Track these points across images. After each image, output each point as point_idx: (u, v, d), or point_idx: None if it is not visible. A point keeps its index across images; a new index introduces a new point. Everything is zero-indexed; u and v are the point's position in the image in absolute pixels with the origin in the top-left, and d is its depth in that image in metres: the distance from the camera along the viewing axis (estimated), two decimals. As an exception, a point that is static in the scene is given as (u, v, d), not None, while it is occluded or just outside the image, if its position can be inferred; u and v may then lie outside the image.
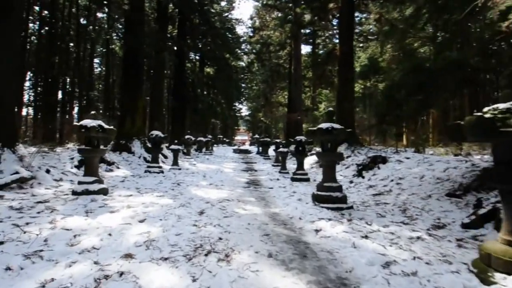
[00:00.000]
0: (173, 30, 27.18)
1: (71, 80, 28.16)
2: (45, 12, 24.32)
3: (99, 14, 32.24)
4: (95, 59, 38.30)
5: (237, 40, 35.54)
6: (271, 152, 24.66)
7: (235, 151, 30.35)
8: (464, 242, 4.41)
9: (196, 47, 29.62)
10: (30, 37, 27.04)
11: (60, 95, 27.22)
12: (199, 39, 28.54)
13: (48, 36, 23.82)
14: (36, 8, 24.72)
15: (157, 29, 21.45)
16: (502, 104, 2.92)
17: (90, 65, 33.59)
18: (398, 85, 8.78)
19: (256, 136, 38.26)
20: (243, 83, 46.78)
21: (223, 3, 32.80)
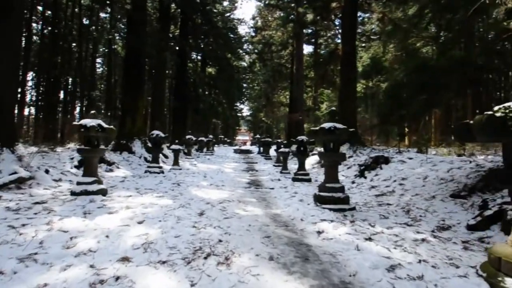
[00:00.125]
0: (175, 30, 27.17)
1: (73, 80, 28.11)
2: (48, 12, 24.32)
3: (102, 14, 32.24)
4: (97, 59, 38.30)
5: (239, 40, 35.43)
6: (272, 152, 24.68)
7: (236, 151, 30.37)
8: (470, 244, 4.34)
9: (198, 47, 29.59)
10: (33, 37, 27.05)
11: (62, 95, 27.25)
12: (201, 39, 28.50)
13: (50, 36, 23.82)
14: (39, 8, 24.72)
15: (158, 28, 21.41)
16: (514, 103, 2.82)
17: (92, 65, 33.57)
18: (402, 84, 8.70)
19: (257, 136, 38.23)
20: (245, 83, 46.67)
21: (226, 3, 32.81)
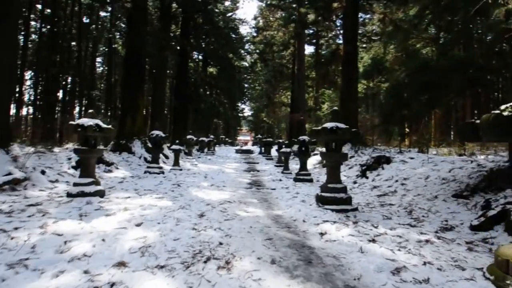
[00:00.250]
0: (176, 29, 27.08)
1: (72, 79, 28.03)
2: (47, 10, 24.23)
3: (102, 13, 32.17)
4: (98, 58, 38.27)
5: (240, 40, 35.41)
6: (274, 152, 24.65)
7: (237, 151, 30.40)
8: (475, 245, 4.28)
9: (199, 46, 29.49)
10: (31, 35, 26.99)
11: (61, 95, 27.15)
12: (202, 39, 28.40)
13: (49, 34, 23.73)
14: (38, 6, 24.64)
15: (159, 27, 21.33)
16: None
17: (92, 64, 33.52)
18: (403, 84, 8.62)
19: (259, 136, 38.21)
20: (246, 83, 46.69)
21: (227, 3, 32.64)
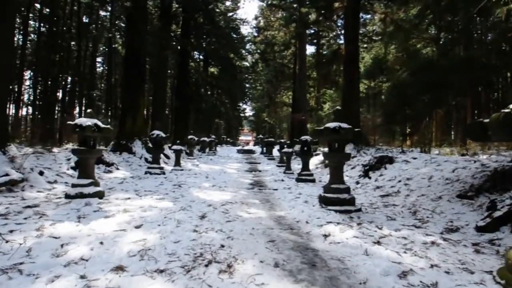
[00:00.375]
0: (176, 29, 27.03)
1: (72, 79, 27.95)
2: (46, 10, 24.13)
3: (102, 13, 32.06)
4: (98, 58, 38.16)
5: (241, 40, 35.36)
6: (275, 153, 24.59)
7: (239, 152, 30.38)
8: (481, 247, 4.19)
9: (200, 46, 29.45)
10: (30, 35, 26.90)
11: (60, 94, 27.07)
12: (203, 39, 28.35)
13: (49, 34, 23.64)
14: (37, 5, 24.54)
15: (159, 27, 21.25)
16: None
17: (92, 64, 33.41)
18: (406, 84, 8.53)
19: (260, 136, 38.16)
20: (247, 83, 46.66)
21: (228, 2, 32.56)
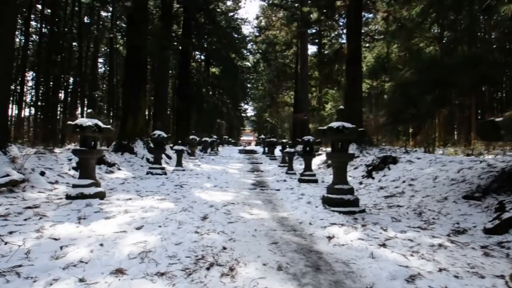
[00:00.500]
0: (178, 29, 26.99)
1: (74, 80, 27.92)
2: (47, 10, 24.09)
3: (103, 13, 32.00)
4: (99, 59, 38.13)
5: (242, 39, 35.26)
6: (277, 153, 24.54)
7: (240, 152, 30.32)
8: (490, 250, 4.06)
9: (202, 46, 29.41)
10: (32, 35, 26.87)
11: (62, 95, 27.04)
12: (204, 39, 28.30)
13: (50, 34, 23.61)
14: (38, 6, 24.50)
15: (160, 27, 21.19)
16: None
17: (94, 64, 33.38)
18: (411, 83, 8.40)
19: (262, 136, 38.08)
20: (249, 83, 46.58)
21: (229, 2, 32.53)
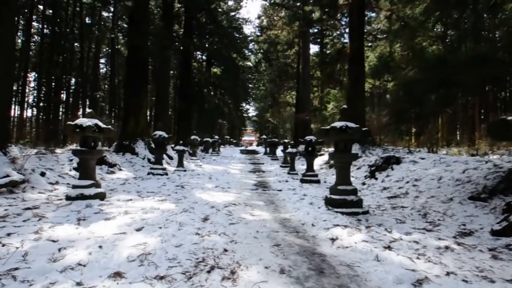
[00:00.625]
0: (179, 29, 26.93)
1: (75, 80, 27.93)
2: (49, 11, 24.09)
3: (105, 14, 32.00)
4: (101, 59, 38.13)
5: (244, 39, 35.15)
6: (279, 153, 24.47)
7: (242, 152, 30.27)
8: (498, 253, 3.95)
9: (203, 46, 29.36)
10: (34, 36, 26.88)
11: (64, 96, 27.05)
12: (206, 38, 28.25)
13: (51, 35, 23.61)
14: (40, 7, 24.50)
15: (161, 26, 21.12)
16: None
17: (95, 65, 33.39)
18: (416, 82, 8.30)
19: (264, 136, 37.99)
20: (251, 83, 46.41)
21: (231, 2, 32.48)
